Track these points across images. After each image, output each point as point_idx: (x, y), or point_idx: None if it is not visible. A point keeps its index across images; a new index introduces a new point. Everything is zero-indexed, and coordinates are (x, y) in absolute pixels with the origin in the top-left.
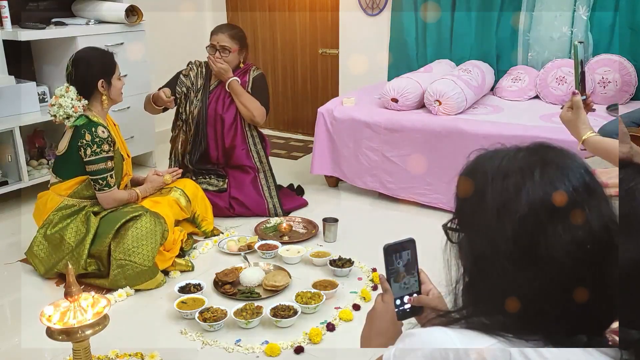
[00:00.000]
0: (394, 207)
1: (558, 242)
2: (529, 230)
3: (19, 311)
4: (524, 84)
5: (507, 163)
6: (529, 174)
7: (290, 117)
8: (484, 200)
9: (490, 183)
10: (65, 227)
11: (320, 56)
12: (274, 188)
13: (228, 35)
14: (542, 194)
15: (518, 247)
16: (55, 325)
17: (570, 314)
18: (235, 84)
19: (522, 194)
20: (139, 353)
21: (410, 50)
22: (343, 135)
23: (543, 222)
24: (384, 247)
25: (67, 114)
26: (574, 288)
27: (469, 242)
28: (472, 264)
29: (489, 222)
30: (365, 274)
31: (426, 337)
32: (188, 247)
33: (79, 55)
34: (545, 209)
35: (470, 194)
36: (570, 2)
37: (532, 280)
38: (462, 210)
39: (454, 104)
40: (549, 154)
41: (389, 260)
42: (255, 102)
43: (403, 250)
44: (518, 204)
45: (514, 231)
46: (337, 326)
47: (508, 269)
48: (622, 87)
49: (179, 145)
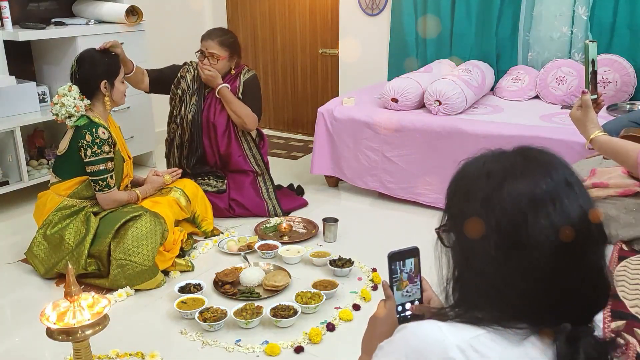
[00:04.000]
0: (394, 207)
1: (539, 231)
2: (512, 221)
3: (19, 311)
4: (524, 84)
5: (490, 163)
6: (511, 171)
7: (290, 117)
8: (470, 198)
9: (476, 181)
10: (65, 228)
11: (320, 56)
12: (272, 189)
13: (217, 42)
14: (523, 187)
15: (502, 236)
16: (55, 325)
17: (554, 303)
18: (225, 90)
19: (504, 188)
20: (139, 353)
21: (410, 50)
22: (343, 135)
23: (524, 212)
24: (389, 255)
25: (69, 113)
26: (556, 277)
27: (457, 239)
28: (461, 259)
29: (475, 215)
30: (365, 274)
31: (416, 328)
32: (188, 247)
33: (84, 55)
34: (526, 201)
35: (458, 194)
36: (570, 2)
37: (516, 269)
38: (451, 211)
39: (454, 104)
40: (530, 152)
41: (393, 267)
42: (246, 109)
43: (407, 258)
44: (500, 197)
45: (498, 221)
46: (337, 326)
47: (494, 259)
48: (622, 87)
49: (175, 150)
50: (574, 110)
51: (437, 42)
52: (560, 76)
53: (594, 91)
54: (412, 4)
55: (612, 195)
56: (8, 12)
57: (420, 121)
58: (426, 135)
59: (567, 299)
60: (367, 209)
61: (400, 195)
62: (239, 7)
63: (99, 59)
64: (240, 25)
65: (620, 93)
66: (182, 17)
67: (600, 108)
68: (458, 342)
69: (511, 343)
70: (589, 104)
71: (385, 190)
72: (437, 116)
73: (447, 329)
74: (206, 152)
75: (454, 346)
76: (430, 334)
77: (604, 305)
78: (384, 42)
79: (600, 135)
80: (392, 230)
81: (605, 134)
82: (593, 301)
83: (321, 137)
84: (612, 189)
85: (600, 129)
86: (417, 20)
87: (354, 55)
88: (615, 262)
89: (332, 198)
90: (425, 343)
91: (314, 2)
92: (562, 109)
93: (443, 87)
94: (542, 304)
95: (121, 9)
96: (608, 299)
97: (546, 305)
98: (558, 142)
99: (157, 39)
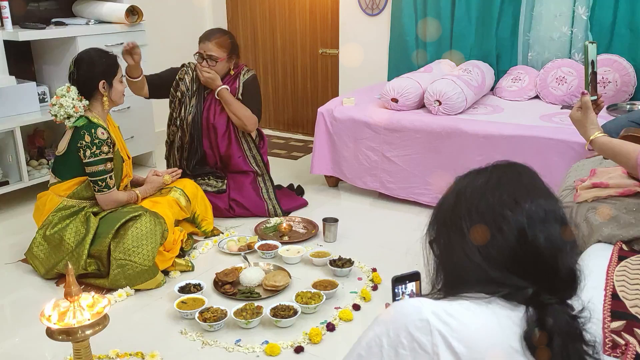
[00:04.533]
0: (394, 207)
1: (508, 226)
2: (487, 219)
3: (19, 311)
4: (524, 84)
5: (474, 177)
6: (490, 184)
7: (290, 117)
8: (457, 205)
9: (463, 192)
10: (65, 228)
11: (320, 56)
12: (272, 190)
13: (215, 43)
14: (497, 195)
15: (477, 229)
16: (55, 325)
17: (525, 282)
18: (225, 92)
19: (484, 196)
20: (139, 353)
21: (410, 50)
22: (343, 135)
23: (497, 212)
24: (392, 279)
25: (67, 113)
26: (526, 262)
27: (442, 238)
28: (444, 252)
29: (458, 217)
30: (365, 274)
31: (397, 303)
32: (188, 247)
33: (82, 55)
34: (500, 205)
35: (447, 203)
36: (570, 2)
37: (489, 254)
38: (438, 217)
39: (454, 104)
40: (509, 169)
41: (396, 290)
42: (246, 111)
43: (409, 282)
44: (479, 203)
45: (474, 219)
46: (337, 326)
47: (470, 248)
48: (622, 87)
49: (175, 152)
50: (574, 112)
51: (437, 42)
52: (560, 76)
53: (594, 92)
54: (412, 4)
55: (612, 195)
56: (8, 12)
57: (420, 121)
58: (426, 135)
59: (540, 281)
60: (367, 209)
61: (400, 195)
62: (239, 7)
63: (96, 59)
64: (240, 25)
65: (620, 93)
66: (182, 17)
67: (600, 109)
68: (433, 308)
69: (479, 305)
70: (589, 105)
71: (385, 190)
72: (437, 116)
73: (426, 301)
74: (206, 154)
75: (429, 311)
76: (409, 304)
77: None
78: (384, 42)
79: (600, 136)
80: (392, 230)
81: (605, 135)
82: (563, 283)
83: (321, 137)
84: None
85: (600, 130)
86: (417, 20)
87: (354, 55)
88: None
89: (332, 198)
90: (403, 312)
91: (314, 2)
92: (562, 109)
93: (443, 87)
94: (513, 284)
95: (121, 8)
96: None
97: (518, 286)
98: (558, 142)
99: (157, 39)
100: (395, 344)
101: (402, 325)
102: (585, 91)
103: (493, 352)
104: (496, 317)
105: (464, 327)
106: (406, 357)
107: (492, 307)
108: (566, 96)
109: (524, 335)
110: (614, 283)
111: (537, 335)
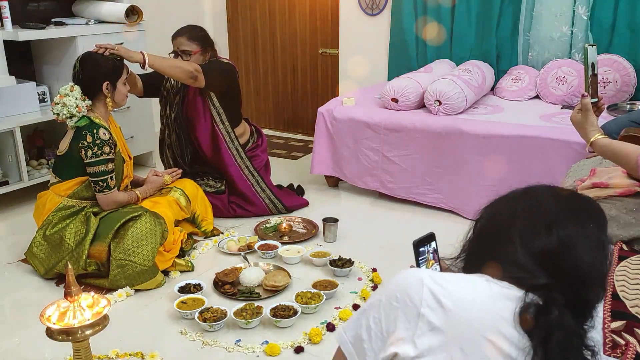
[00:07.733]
0: (394, 207)
1: (558, 232)
2: (541, 217)
3: (19, 311)
4: (524, 84)
5: (510, 201)
6: (562, 194)
7: (290, 117)
8: (522, 197)
9: (534, 190)
10: (65, 228)
11: (320, 56)
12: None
13: (186, 37)
14: (562, 203)
15: (528, 219)
16: (55, 325)
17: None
18: (150, 56)
19: (549, 200)
20: (139, 353)
21: (410, 50)
22: (343, 135)
23: (554, 217)
24: (414, 243)
25: (70, 113)
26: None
27: (492, 214)
28: (486, 225)
29: (519, 202)
30: (365, 274)
31: (403, 271)
32: (188, 247)
33: (88, 55)
34: (559, 212)
35: (513, 196)
36: (570, 2)
37: (527, 242)
38: (496, 202)
39: (454, 104)
40: (535, 192)
41: (421, 250)
42: (180, 62)
43: (429, 242)
44: (547, 201)
45: (531, 211)
46: (337, 326)
47: (514, 229)
48: (622, 87)
49: (167, 150)
50: (574, 114)
51: (437, 42)
52: (561, 76)
53: (594, 95)
54: (412, 4)
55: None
56: (8, 12)
57: (420, 121)
58: (426, 135)
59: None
60: (367, 209)
61: (400, 195)
62: (239, 7)
63: (102, 59)
64: (240, 25)
65: (620, 93)
66: (182, 17)
67: (601, 112)
68: (430, 273)
69: (480, 277)
70: (589, 107)
71: (385, 190)
72: (437, 116)
73: (427, 270)
74: (197, 151)
75: (427, 276)
76: (412, 272)
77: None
78: (384, 42)
79: (601, 138)
80: (392, 230)
81: (605, 137)
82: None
83: (321, 137)
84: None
85: (601, 131)
86: (417, 20)
87: (354, 55)
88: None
89: (332, 198)
90: (403, 275)
91: (314, 2)
92: (562, 109)
93: (443, 87)
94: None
95: (121, 8)
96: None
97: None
98: (558, 142)
99: (157, 39)
100: (390, 298)
101: (399, 283)
102: (586, 93)
103: (480, 312)
104: (491, 291)
105: (456, 288)
106: (397, 309)
107: (491, 285)
108: (566, 96)
109: (520, 309)
110: (614, 283)
111: (534, 313)
